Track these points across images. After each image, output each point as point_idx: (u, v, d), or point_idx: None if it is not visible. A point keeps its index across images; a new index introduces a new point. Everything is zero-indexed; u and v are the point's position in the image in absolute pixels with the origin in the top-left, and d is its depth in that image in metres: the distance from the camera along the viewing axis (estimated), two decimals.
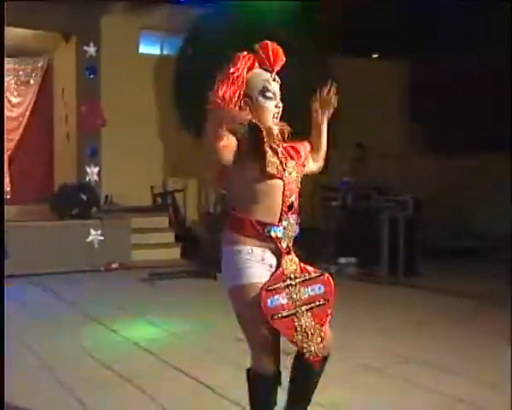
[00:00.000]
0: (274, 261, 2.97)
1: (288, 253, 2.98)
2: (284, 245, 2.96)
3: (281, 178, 2.93)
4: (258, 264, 2.91)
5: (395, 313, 7.16)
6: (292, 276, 2.96)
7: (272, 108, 2.98)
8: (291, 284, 2.95)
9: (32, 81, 11.83)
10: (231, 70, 2.90)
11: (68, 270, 8.84)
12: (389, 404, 4.32)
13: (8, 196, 11.67)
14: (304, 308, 2.94)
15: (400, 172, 12.14)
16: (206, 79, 10.29)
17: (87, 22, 10.34)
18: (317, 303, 2.99)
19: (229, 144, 2.76)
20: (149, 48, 12.14)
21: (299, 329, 2.92)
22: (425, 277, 9.11)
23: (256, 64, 2.99)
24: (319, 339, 2.95)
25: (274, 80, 3.02)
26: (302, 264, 3.03)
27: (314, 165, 3.30)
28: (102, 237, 9.61)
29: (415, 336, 6.24)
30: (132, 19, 11.36)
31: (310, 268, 3.04)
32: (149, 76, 11.66)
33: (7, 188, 11.76)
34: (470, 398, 4.43)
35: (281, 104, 3.01)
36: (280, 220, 2.94)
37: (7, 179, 11.80)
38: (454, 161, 12.78)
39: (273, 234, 2.92)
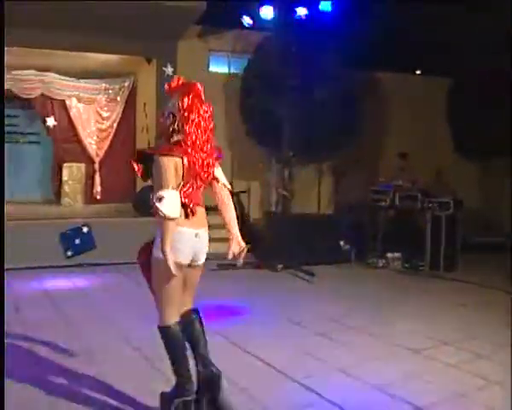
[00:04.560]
0: None
1: None
2: None
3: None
4: None
5: (433, 302, 7.20)
6: None
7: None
8: None
9: (119, 98, 12.28)
10: None
11: None
12: (429, 382, 4.41)
13: (99, 197, 12.13)
14: None
15: (443, 176, 12.11)
16: (268, 94, 10.52)
17: (166, 47, 10.74)
18: None
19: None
20: (218, 66, 12.49)
21: None
22: (463, 271, 9.07)
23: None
24: None
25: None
26: None
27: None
28: None
29: (450, 322, 6.26)
30: (203, 42, 11.80)
31: None
32: (218, 91, 11.95)
33: (97, 188, 12.20)
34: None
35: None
36: None
37: (97, 181, 12.22)
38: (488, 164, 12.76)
39: None
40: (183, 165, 3.31)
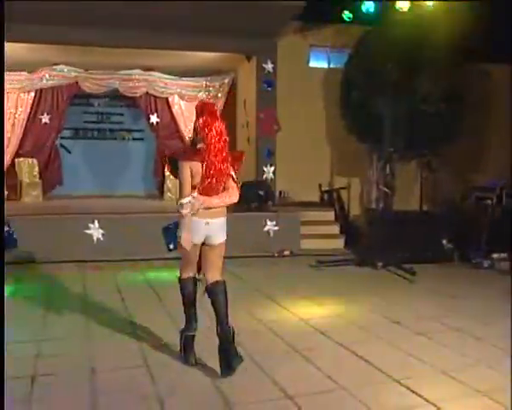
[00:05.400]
0: None
1: None
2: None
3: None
4: None
5: None
6: None
7: None
8: None
9: (219, 95, 12.54)
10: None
11: (247, 255, 9.28)
12: None
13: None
14: None
15: None
16: (369, 90, 10.34)
17: (265, 44, 10.85)
18: None
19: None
20: (318, 62, 12.47)
21: None
22: None
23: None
24: None
25: None
26: None
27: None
28: (277, 228, 10.01)
29: None
30: (303, 38, 11.84)
31: None
32: (318, 87, 11.96)
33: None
34: None
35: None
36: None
37: None
38: None
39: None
40: (202, 167, 4.23)
